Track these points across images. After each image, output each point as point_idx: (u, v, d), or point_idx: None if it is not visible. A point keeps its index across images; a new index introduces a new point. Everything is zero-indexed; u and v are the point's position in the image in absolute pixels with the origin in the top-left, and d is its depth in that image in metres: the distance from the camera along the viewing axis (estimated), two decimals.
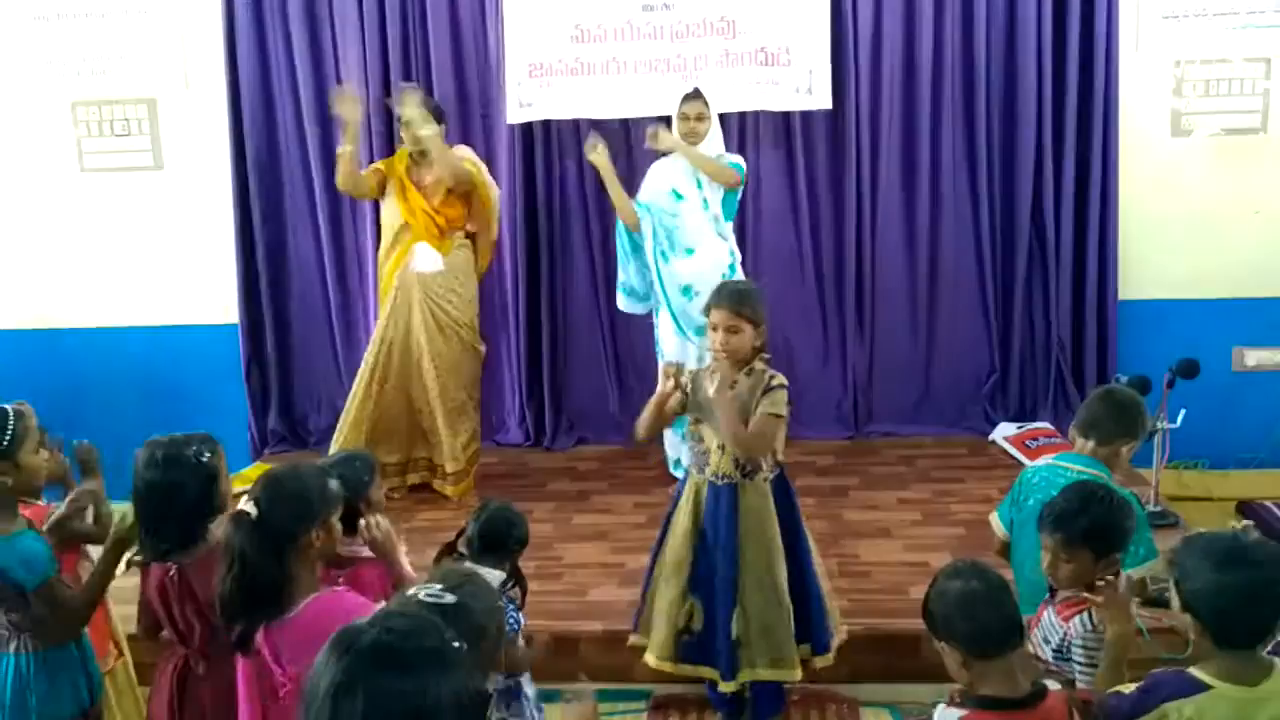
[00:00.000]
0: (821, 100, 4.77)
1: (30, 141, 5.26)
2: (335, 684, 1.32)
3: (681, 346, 4.31)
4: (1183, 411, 3.84)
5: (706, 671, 3.02)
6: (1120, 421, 2.77)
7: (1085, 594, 2.29)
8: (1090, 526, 2.30)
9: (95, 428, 4.92)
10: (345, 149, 4.37)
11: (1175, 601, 2.03)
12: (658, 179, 4.37)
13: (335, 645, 1.37)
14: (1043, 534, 2.37)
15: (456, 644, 1.40)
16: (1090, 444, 2.79)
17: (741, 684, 3.14)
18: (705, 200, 4.28)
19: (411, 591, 1.85)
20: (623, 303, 4.63)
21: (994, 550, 2.94)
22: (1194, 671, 1.96)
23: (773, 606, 2.94)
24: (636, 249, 4.45)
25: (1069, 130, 4.88)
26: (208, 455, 2.44)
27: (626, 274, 4.55)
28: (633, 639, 3.15)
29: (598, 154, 4.38)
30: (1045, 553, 2.37)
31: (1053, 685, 2.08)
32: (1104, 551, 2.31)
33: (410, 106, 4.29)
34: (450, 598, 1.79)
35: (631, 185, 5.05)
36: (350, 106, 4.36)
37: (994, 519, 2.93)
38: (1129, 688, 2.05)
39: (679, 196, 4.28)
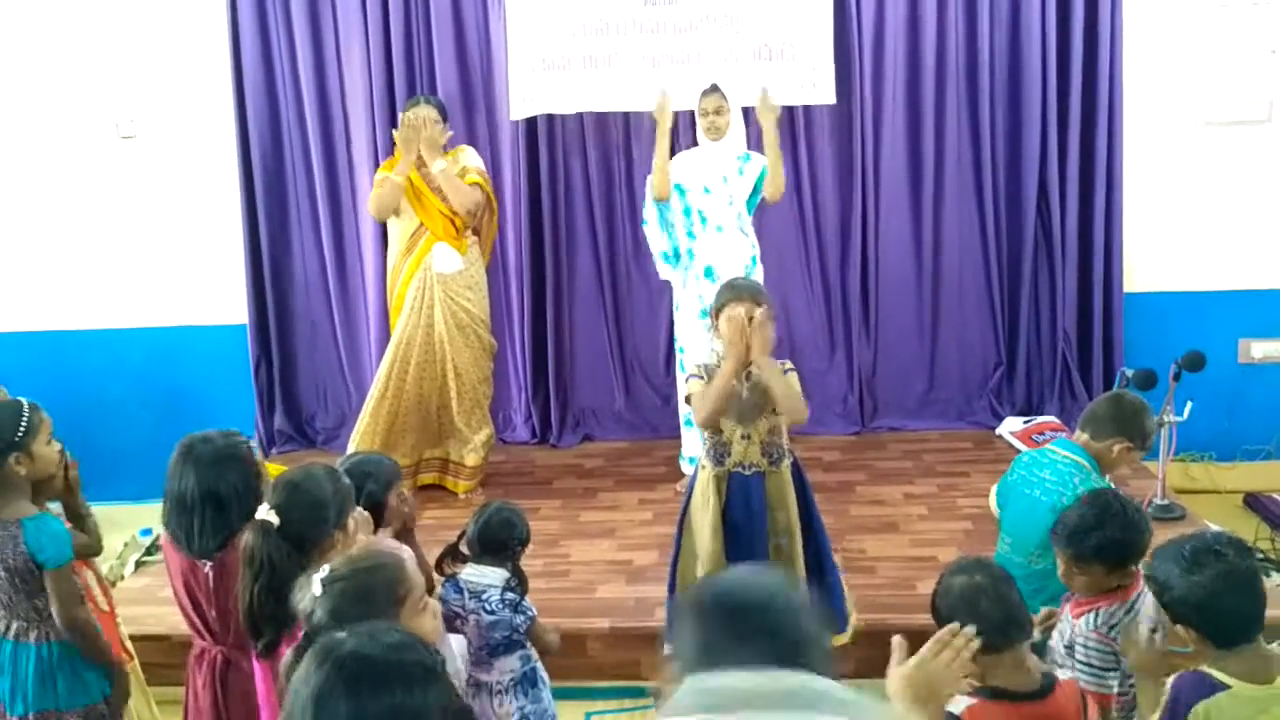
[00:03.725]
0: (826, 95, 4.76)
1: (33, 146, 5.25)
2: (318, 690, 1.33)
3: (701, 335, 4.25)
4: (1189, 404, 3.83)
5: None
6: (1117, 421, 2.79)
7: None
8: (1101, 544, 2.31)
9: (103, 430, 5.02)
10: (398, 178, 4.32)
11: (1163, 616, 2.04)
12: (685, 172, 4.32)
13: (316, 654, 1.38)
14: (1055, 545, 2.40)
15: (438, 655, 1.42)
16: (1085, 436, 2.82)
17: None
18: (731, 197, 4.26)
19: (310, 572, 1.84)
20: (664, 271, 4.51)
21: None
22: (1212, 672, 1.96)
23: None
24: (667, 224, 4.39)
25: (1074, 122, 4.86)
26: (247, 447, 2.48)
27: (662, 242, 4.44)
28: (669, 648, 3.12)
29: (661, 105, 4.26)
30: (1060, 562, 2.40)
31: (1064, 675, 2.09)
32: (1117, 565, 2.33)
33: (431, 147, 4.29)
34: (318, 589, 1.78)
35: (632, 181, 5.06)
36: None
37: (992, 492, 3.07)
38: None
39: (705, 190, 4.27)
